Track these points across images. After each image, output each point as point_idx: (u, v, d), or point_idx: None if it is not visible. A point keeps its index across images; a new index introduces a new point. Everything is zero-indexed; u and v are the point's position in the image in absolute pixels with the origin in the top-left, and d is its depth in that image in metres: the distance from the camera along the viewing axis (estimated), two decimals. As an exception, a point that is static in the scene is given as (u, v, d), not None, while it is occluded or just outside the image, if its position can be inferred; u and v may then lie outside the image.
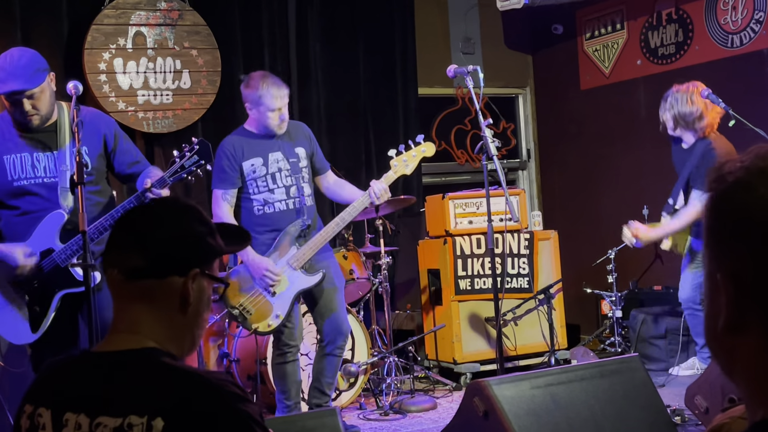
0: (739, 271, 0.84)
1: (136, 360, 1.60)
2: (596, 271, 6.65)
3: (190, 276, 1.65)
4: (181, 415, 1.49)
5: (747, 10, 6.17)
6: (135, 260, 1.64)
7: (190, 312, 1.67)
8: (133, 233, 1.68)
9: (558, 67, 7.79)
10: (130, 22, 6.03)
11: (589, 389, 3.26)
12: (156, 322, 1.65)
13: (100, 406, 1.55)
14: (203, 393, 1.52)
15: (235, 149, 4.57)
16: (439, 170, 7.73)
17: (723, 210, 0.86)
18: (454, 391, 5.77)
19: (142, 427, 1.49)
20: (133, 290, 1.64)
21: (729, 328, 0.86)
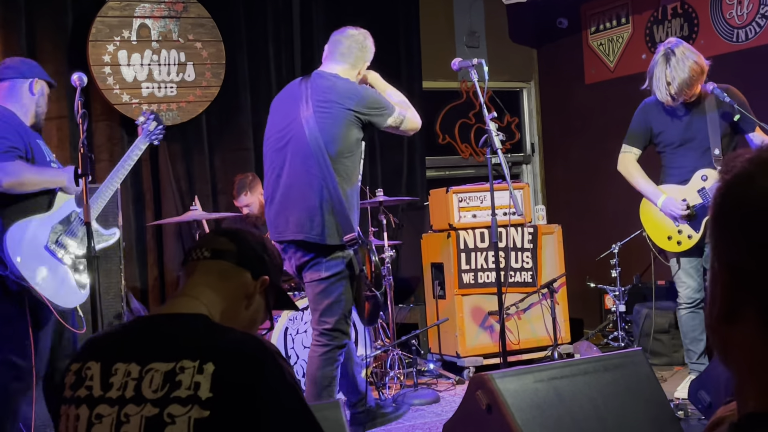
0: (736, 261, 0.85)
1: (189, 320, 1.76)
2: (600, 265, 6.65)
3: (260, 281, 1.89)
4: (230, 361, 1.62)
5: (752, 4, 6.15)
6: (226, 245, 1.89)
7: (250, 311, 1.89)
8: (229, 233, 1.95)
9: (563, 61, 7.78)
10: (134, 15, 6.03)
11: (593, 383, 3.26)
12: (218, 299, 1.83)
13: (152, 354, 1.67)
14: (251, 345, 1.67)
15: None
16: (442, 164, 7.73)
17: (725, 200, 0.87)
18: (457, 384, 5.77)
19: (194, 369, 1.61)
20: (212, 266, 1.86)
21: (723, 317, 0.87)
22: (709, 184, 4.69)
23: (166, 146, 6.20)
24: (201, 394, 1.59)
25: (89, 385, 1.68)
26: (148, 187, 6.16)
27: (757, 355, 0.84)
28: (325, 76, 4.20)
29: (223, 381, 1.60)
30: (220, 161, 6.46)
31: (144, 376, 1.64)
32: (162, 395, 1.61)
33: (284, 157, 4.15)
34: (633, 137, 4.93)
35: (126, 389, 1.64)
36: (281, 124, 4.21)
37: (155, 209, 6.18)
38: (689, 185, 4.77)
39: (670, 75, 4.58)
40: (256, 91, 6.53)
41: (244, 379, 1.61)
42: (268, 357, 1.66)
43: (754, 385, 0.86)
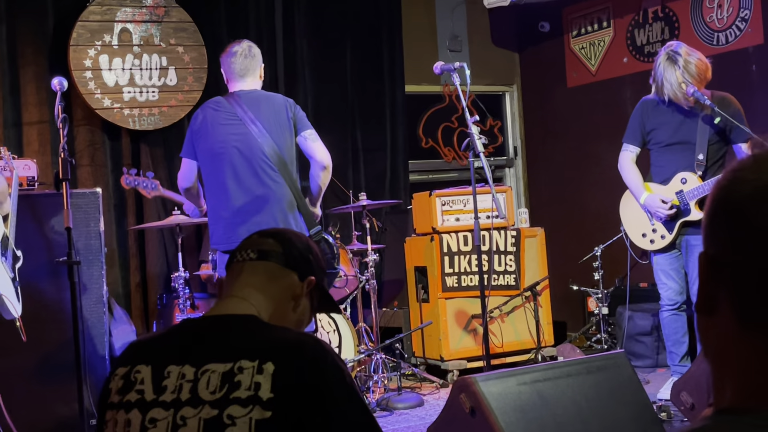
0: (718, 256, 0.87)
1: (241, 321, 1.74)
2: (583, 268, 6.68)
3: (307, 281, 1.88)
4: (291, 361, 1.60)
5: (732, 8, 6.19)
6: (273, 245, 1.88)
7: (297, 312, 1.88)
8: (274, 234, 1.94)
9: (545, 64, 7.80)
10: (115, 19, 6.00)
11: (576, 386, 3.26)
12: (266, 300, 1.82)
13: (208, 355, 1.64)
14: (311, 344, 1.65)
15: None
16: (426, 168, 7.74)
17: (716, 194, 0.89)
18: (441, 388, 5.77)
19: (253, 369, 1.59)
20: (258, 267, 1.85)
21: (702, 309, 0.89)
22: (688, 187, 4.73)
23: (148, 150, 6.18)
24: (262, 394, 1.57)
25: (140, 389, 1.65)
26: (130, 191, 6.13)
27: (731, 348, 0.86)
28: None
29: (284, 381, 1.58)
30: (203, 166, 6.43)
31: (200, 377, 1.62)
32: (220, 396, 1.59)
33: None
34: (630, 135, 5.01)
35: (181, 392, 1.62)
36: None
37: (137, 214, 6.15)
38: (669, 186, 4.82)
39: (682, 76, 4.63)
40: (238, 96, 6.51)
41: (306, 379, 1.59)
42: (329, 357, 1.65)
43: (729, 379, 0.87)
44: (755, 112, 5.88)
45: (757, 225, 0.82)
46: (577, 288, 6.66)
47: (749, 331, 0.84)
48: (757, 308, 0.83)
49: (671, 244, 4.84)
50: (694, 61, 4.63)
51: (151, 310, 6.09)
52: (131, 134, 6.14)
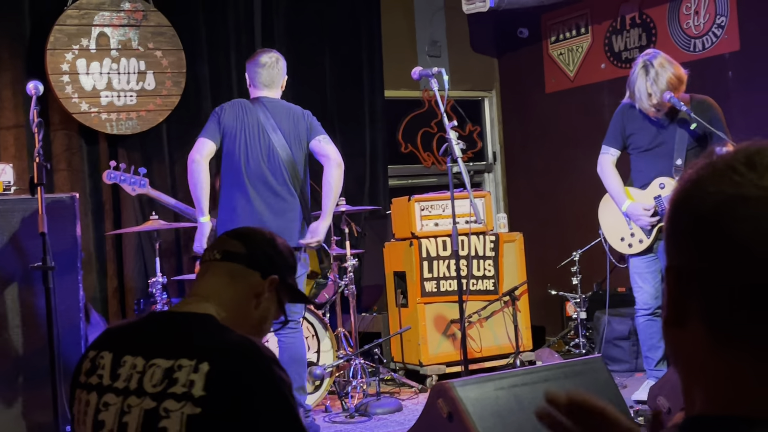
0: (683, 266, 0.87)
1: (194, 319, 1.86)
2: (561, 272, 6.70)
3: (269, 280, 1.97)
4: (225, 362, 1.71)
5: (709, 14, 6.24)
6: (237, 246, 1.98)
7: (259, 309, 1.98)
8: (240, 235, 2.04)
9: (523, 70, 7.84)
10: (93, 23, 5.97)
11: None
12: (227, 299, 1.92)
13: (157, 350, 1.77)
14: (248, 350, 1.75)
15: None
16: (405, 173, 7.74)
17: (675, 205, 0.89)
18: (419, 393, 5.77)
19: (190, 368, 1.70)
20: (222, 268, 1.96)
21: (671, 320, 0.88)
22: (666, 192, 4.77)
23: (126, 155, 6.14)
24: (194, 392, 1.68)
25: (100, 373, 1.80)
26: (107, 196, 6.10)
27: (702, 358, 0.86)
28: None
29: (216, 381, 1.68)
30: (181, 170, 6.40)
31: (147, 370, 1.74)
32: (160, 390, 1.71)
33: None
34: (610, 138, 5.03)
35: (131, 381, 1.75)
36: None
37: (115, 219, 6.12)
38: (647, 191, 4.85)
39: (651, 87, 4.66)
40: (217, 100, 6.48)
41: (237, 380, 1.69)
42: (263, 362, 1.74)
43: (699, 388, 0.87)
44: (732, 119, 5.93)
45: (724, 236, 0.82)
46: (555, 293, 6.69)
47: (718, 343, 0.84)
48: (726, 319, 0.83)
49: (649, 248, 4.87)
50: (667, 75, 4.63)
51: (129, 316, 6.05)
52: (109, 139, 6.11)
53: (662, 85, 4.63)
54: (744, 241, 0.81)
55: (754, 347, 0.82)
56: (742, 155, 0.86)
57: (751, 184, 0.82)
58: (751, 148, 0.86)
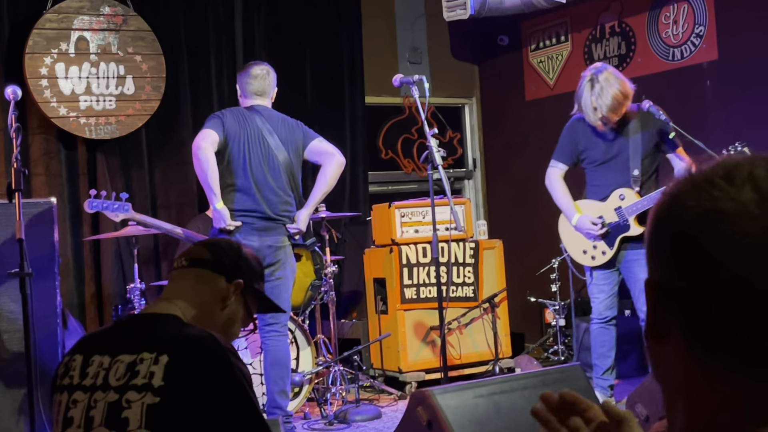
0: (663, 279, 0.87)
1: (160, 319, 1.95)
2: (540, 280, 6.72)
3: (234, 284, 2.07)
4: (183, 354, 1.81)
5: (688, 24, 6.29)
6: (203, 253, 2.10)
7: (225, 312, 2.07)
8: (207, 244, 2.16)
9: (503, 77, 7.86)
10: (72, 27, 5.93)
11: (532, 398, 3.28)
12: (192, 302, 2.01)
13: (121, 347, 1.87)
14: (205, 340, 1.84)
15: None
16: (385, 179, 7.74)
17: (655, 220, 0.89)
18: (399, 400, 5.77)
19: (151, 360, 1.80)
20: (189, 273, 2.07)
21: (652, 334, 0.88)
22: (626, 203, 4.83)
23: (105, 160, 6.11)
24: (154, 382, 1.77)
25: (72, 374, 1.89)
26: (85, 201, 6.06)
27: (683, 373, 0.86)
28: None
29: (174, 371, 1.78)
30: (160, 176, 6.38)
31: (112, 366, 1.84)
32: (123, 383, 1.81)
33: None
34: (560, 152, 5.08)
35: (97, 378, 1.85)
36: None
37: (93, 224, 6.08)
38: (607, 203, 4.91)
39: (596, 102, 4.71)
40: (197, 105, 6.47)
41: (193, 369, 1.79)
42: (219, 351, 1.83)
43: (681, 402, 0.87)
44: (709, 127, 5.98)
45: (702, 252, 0.82)
46: (534, 300, 6.70)
47: (698, 357, 0.84)
48: (706, 333, 0.83)
49: (611, 260, 4.91)
50: (612, 91, 4.66)
51: (106, 322, 6.01)
52: (87, 143, 6.07)
53: (607, 100, 4.67)
54: (722, 256, 0.81)
55: (731, 362, 0.83)
56: (720, 169, 0.86)
57: (729, 198, 0.82)
58: (729, 162, 0.86)
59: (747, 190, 0.82)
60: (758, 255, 0.80)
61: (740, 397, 0.83)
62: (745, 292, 0.80)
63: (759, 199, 0.81)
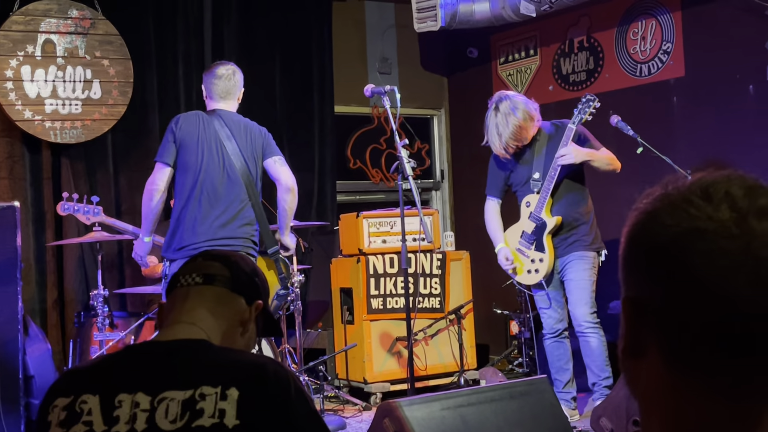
0: (640, 297, 0.86)
1: (194, 345, 1.68)
2: (506, 292, 6.73)
3: (255, 306, 1.84)
4: (255, 386, 1.57)
5: (655, 40, 6.36)
6: (219, 269, 1.82)
7: (245, 337, 1.83)
8: (220, 257, 1.87)
9: (472, 89, 7.89)
10: (39, 29, 5.86)
11: (499, 411, 3.28)
12: (216, 326, 1.76)
13: (164, 382, 1.58)
14: (273, 368, 1.62)
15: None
16: (353, 189, 7.73)
17: (631, 237, 0.89)
18: (363, 410, 5.74)
19: (216, 396, 1.55)
20: (206, 292, 1.79)
21: (628, 351, 0.88)
22: (533, 207, 4.99)
23: (69, 165, 6.03)
24: (227, 422, 1.54)
25: (88, 420, 1.57)
26: (49, 206, 5.97)
27: (660, 390, 0.86)
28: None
29: (249, 407, 1.55)
30: (126, 181, 6.31)
31: (157, 406, 1.56)
32: (182, 425, 1.54)
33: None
34: (490, 187, 5.29)
35: (136, 421, 1.55)
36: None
37: (56, 229, 6.00)
38: (522, 216, 5.04)
39: (498, 130, 4.90)
40: (164, 111, 6.41)
41: (271, 404, 1.58)
42: (291, 381, 1.63)
43: (657, 421, 0.87)
44: (675, 143, 6.05)
45: (681, 270, 0.82)
46: (500, 312, 6.72)
47: (676, 374, 0.84)
48: (684, 351, 0.83)
49: (551, 269, 5.01)
50: (512, 120, 4.87)
51: (68, 329, 5.93)
52: (52, 147, 5.99)
53: (508, 129, 4.87)
54: (701, 274, 0.81)
55: (708, 381, 0.83)
56: (697, 187, 0.86)
57: (707, 216, 0.82)
58: (706, 180, 0.86)
59: (724, 209, 0.82)
60: (736, 273, 0.80)
61: (716, 417, 0.83)
62: (724, 310, 0.80)
63: (737, 218, 0.81)
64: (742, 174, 0.86)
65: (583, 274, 4.93)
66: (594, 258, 4.97)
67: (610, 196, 6.06)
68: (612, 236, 5.51)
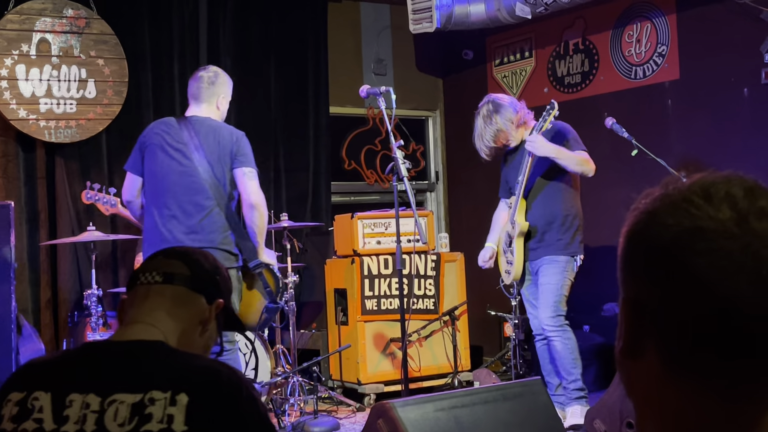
0: (639, 297, 0.86)
1: (150, 348, 1.66)
2: (500, 293, 6.71)
3: (215, 305, 1.82)
4: (205, 392, 1.56)
5: (650, 43, 6.37)
6: (180, 268, 1.79)
7: (204, 337, 1.81)
8: (181, 255, 1.85)
9: (467, 91, 7.89)
10: (34, 28, 5.85)
11: (492, 412, 3.28)
12: (174, 326, 1.74)
13: (115, 385, 1.57)
14: (226, 375, 1.60)
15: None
16: (348, 190, 7.73)
17: (630, 237, 0.88)
18: (357, 411, 5.74)
19: (165, 401, 1.53)
20: (165, 292, 1.77)
21: (626, 352, 0.88)
22: (512, 209, 5.06)
23: (64, 164, 6.03)
24: (175, 427, 1.52)
25: (38, 417, 1.56)
26: (43, 206, 5.96)
27: (657, 391, 0.86)
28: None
29: (198, 413, 1.53)
30: (120, 181, 6.27)
31: (107, 408, 1.54)
32: (130, 429, 1.52)
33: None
34: (500, 187, 5.38)
35: (85, 422, 1.54)
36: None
37: (50, 228, 5.98)
38: (509, 219, 5.13)
39: (479, 133, 5.03)
40: (159, 111, 6.40)
41: (220, 410, 1.55)
42: (243, 387, 1.61)
43: (653, 421, 0.87)
44: (670, 146, 6.05)
45: (681, 269, 0.82)
46: (494, 313, 6.72)
47: (673, 376, 0.84)
48: (682, 351, 0.83)
49: (523, 269, 5.09)
50: (491, 127, 4.98)
51: (62, 328, 5.92)
52: (46, 147, 5.98)
53: (488, 134, 4.99)
54: (701, 274, 0.81)
55: (706, 382, 0.82)
56: (698, 187, 0.86)
57: (708, 216, 0.82)
58: (706, 180, 0.86)
59: (725, 209, 0.82)
60: (737, 273, 0.80)
61: (713, 418, 0.83)
62: (724, 310, 0.80)
63: (737, 218, 0.81)
64: (741, 175, 0.86)
65: (550, 279, 4.93)
66: (566, 262, 4.92)
67: (604, 198, 6.08)
68: (606, 239, 5.52)
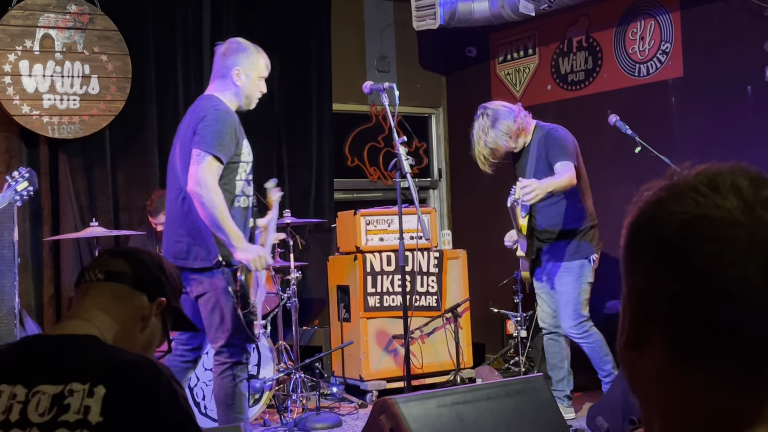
0: (644, 288, 0.86)
1: (78, 341, 1.70)
2: (503, 291, 6.74)
3: (156, 303, 1.87)
4: (122, 384, 1.59)
5: (654, 40, 6.36)
6: (121, 266, 1.85)
7: (145, 333, 1.86)
8: (125, 254, 1.91)
9: (471, 88, 7.89)
10: (38, 24, 5.85)
11: (495, 408, 3.27)
12: (111, 322, 1.79)
13: (40, 376, 1.61)
14: (144, 367, 1.63)
15: (237, 121, 4.02)
16: (350, 186, 7.73)
17: (636, 227, 0.88)
18: (359, 408, 5.74)
19: (84, 393, 1.57)
20: (106, 289, 1.83)
21: (631, 343, 0.88)
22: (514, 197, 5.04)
23: (67, 160, 6.03)
24: (91, 418, 1.55)
25: None
26: (46, 201, 5.97)
27: (663, 382, 0.85)
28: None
29: (114, 405, 1.56)
30: (123, 177, 6.31)
31: (30, 399, 1.59)
32: (49, 419, 1.56)
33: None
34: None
35: (11, 412, 1.58)
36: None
37: (53, 224, 5.99)
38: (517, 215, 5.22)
39: (474, 144, 5.18)
40: (162, 107, 6.41)
41: (136, 402, 1.58)
42: (162, 380, 1.63)
43: (658, 413, 0.87)
44: (673, 143, 6.05)
45: (688, 258, 0.82)
46: (497, 311, 6.72)
47: (679, 366, 0.84)
48: (688, 342, 0.82)
49: (536, 267, 5.17)
50: (485, 139, 5.08)
51: (65, 324, 5.92)
52: (50, 142, 5.99)
53: (482, 147, 5.13)
54: (708, 262, 0.81)
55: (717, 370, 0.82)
56: (704, 177, 0.86)
57: (714, 205, 0.82)
58: (712, 171, 0.86)
59: (732, 198, 0.82)
60: (744, 261, 0.80)
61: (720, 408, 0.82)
62: (731, 298, 0.80)
63: (744, 207, 0.82)
64: (745, 166, 0.87)
65: (566, 287, 4.96)
66: (580, 266, 4.97)
67: (607, 195, 6.07)
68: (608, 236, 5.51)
